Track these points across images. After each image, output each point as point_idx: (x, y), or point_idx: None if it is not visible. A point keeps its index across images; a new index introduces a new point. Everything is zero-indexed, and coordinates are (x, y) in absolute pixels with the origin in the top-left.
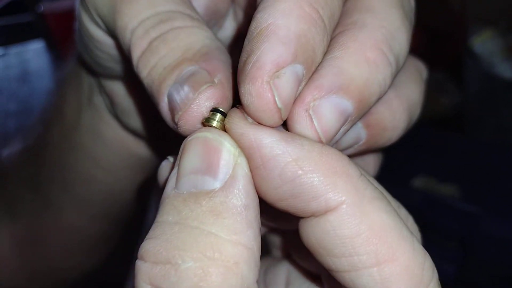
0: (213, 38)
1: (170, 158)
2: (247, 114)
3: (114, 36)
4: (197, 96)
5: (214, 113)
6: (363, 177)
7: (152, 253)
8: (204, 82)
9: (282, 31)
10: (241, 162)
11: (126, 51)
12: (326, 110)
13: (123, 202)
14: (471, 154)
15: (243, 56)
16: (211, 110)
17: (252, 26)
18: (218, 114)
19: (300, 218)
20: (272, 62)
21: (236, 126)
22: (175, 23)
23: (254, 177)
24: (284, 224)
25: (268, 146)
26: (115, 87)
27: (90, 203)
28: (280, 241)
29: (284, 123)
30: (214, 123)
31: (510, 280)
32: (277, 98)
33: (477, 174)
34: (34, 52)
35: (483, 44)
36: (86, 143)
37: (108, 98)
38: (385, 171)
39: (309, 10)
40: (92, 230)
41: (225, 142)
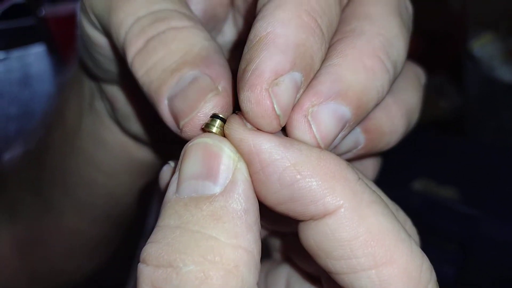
0: (210, 38)
1: (171, 163)
2: (246, 121)
3: (108, 34)
4: (203, 105)
5: (214, 119)
6: (361, 181)
7: (154, 256)
8: (209, 90)
9: (281, 40)
10: (240, 167)
11: (120, 49)
12: (324, 116)
13: (124, 206)
14: (471, 157)
15: (243, 63)
16: (211, 116)
17: (251, 35)
18: (217, 120)
19: (299, 221)
20: (271, 70)
21: (235, 132)
22: (172, 23)
23: (254, 181)
24: (284, 227)
25: (267, 152)
26: (116, 92)
27: (91, 207)
28: (280, 244)
29: (283, 129)
30: (214, 129)
31: (510, 282)
32: (275, 105)
33: (476, 177)
34: (36, 56)
35: (483, 47)
36: (87, 148)
37: (109, 103)
38: (384, 174)
39: (307, 19)
40: (93, 233)
41: (225, 148)
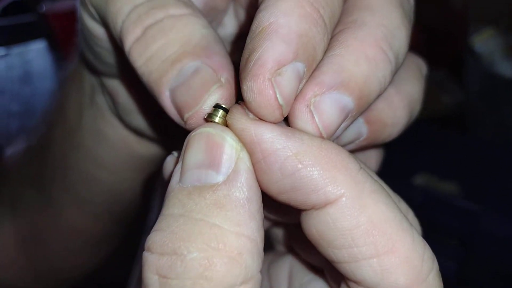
0: (208, 26)
1: (175, 153)
2: (249, 111)
3: (106, 25)
4: (208, 98)
5: (217, 109)
6: (363, 170)
7: (158, 244)
8: (212, 82)
9: (283, 30)
10: (243, 156)
11: (117, 38)
12: (327, 106)
13: (126, 202)
14: (472, 152)
15: (245, 54)
16: (214, 106)
17: (254, 25)
18: (220, 110)
19: (301, 211)
20: (273, 60)
21: (237, 121)
22: (170, 10)
23: (256, 171)
24: (286, 218)
25: (268, 141)
26: (117, 86)
27: (92, 203)
28: (282, 235)
29: (285, 119)
30: (217, 119)
31: (510, 277)
32: (278, 95)
33: (477, 172)
34: (36, 52)
35: (484, 43)
36: (88, 143)
37: (110, 97)
38: (386, 169)
39: (310, 10)
40: (94, 230)
41: (227, 137)
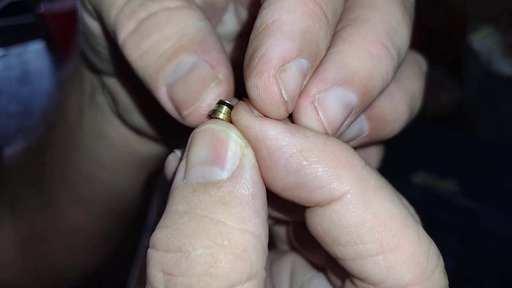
0: (203, 18)
1: (177, 151)
2: (254, 107)
3: (102, 20)
4: (206, 96)
5: (221, 105)
6: (368, 167)
7: (163, 241)
8: (210, 79)
9: (287, 27)
10: (247, 153)
11: (111, 31)
12: (331, 102)
13: (126, 201)
14: (471, 150)
15: (249, 50)
16: (218, 103)
17: (257, 22)
18: (224, 107)
19: (306, 208)
20: (278, 57)
21: (242, 118)
22: (165, 3)
23: (260, 167)
24: (290, 215)
25: (273, 138)
26: (118, 85)
27: (92, 203)
28: (285, 233)
29: (289, 116)
30: (221, 115)
31: (510, 275)
32: (283, 91)
33: (477, 170)
34: (35, 53)
35: (483, 41)
36: (89, 143)
37: (110, 96)
38: (385, 167)
39: (313, 7)
40: (94, 230)
41: (231, 134)
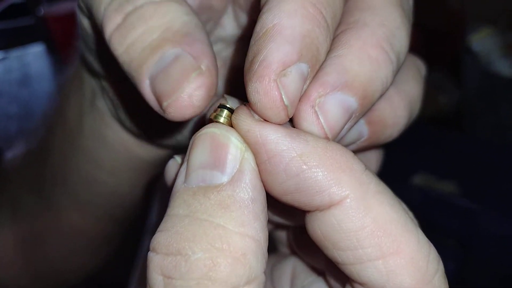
0: (190, 13)
1: (177, 157)
2: (254, 112)
3: (91, 17)
4: (187, 85)
5: (222, 109)
6: (368, 171)
7: (163, 245)
8: (192, 69)
9: (287, 31)
10: (247, 156)
11: (100, 27)
12: (331, 106)
13: (126, 204)
14: (470, 151)
15: (250, 55)
16: (219, 107)
17: (257, 26)
18: (225, 111)
19: (306, 212)
20: (278, 61)
21: (242, 122)
22: None
23: (261, 171)
24: (290, 219)
25: (273, 142)
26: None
27: (92, 205)
28: (286, 238)
29: (290, 120)
30: (221, 119)
31: (509, 277)
32: (284, 96)
33: (476, 171)
34: (35, 55)
35: (482, 42)
36: (89, 146)
37: (110, 100)
38: (384, 169)
39: (312, 11)
40: (95, 232)
41: (232, 138)
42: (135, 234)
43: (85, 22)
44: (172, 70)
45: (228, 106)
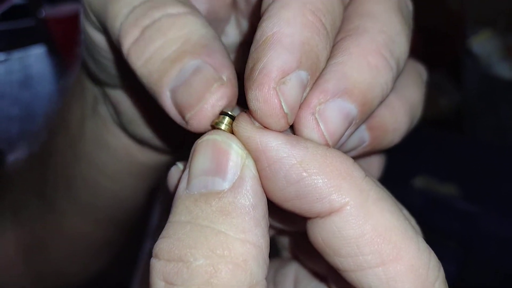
0: (207, 25)
1: (179, 164)
2: (255, 119)
3: (106, 31)
4: (210, 96)
5: (223, 116)
6: (368, 178)
7: (165, 251)
8: (213, 80)
9: (287, 39)
10: (248, 163)
11: (115, 42)
12: (331, 113)
13: (128, 208)
14: (471, 154)
15: (250, 63)
16: (220, 114)
17: (257, 34)
18: (226, 118)
19: (307, 218)
20: (278, 69)
21: (243, 130)
22: (168, 10)
23: (261, 178)
24: (292, 225)
25: (273, 149)
26: (120, 96)
27: (94, 209)
28: (288, 243)
29: (291, 127)
30: (223, 126)
31: (509, 278)
32: (283, 104)
33: (477, 173)
34: (36, 57)
35: (482, 44)
36: (91, 152)
37: (112, 107)
38: (385, 172)
39: (312, 19)
40: (96, 235)
41: (233, 144)
42: (137, 237)
43: (93, 34)
44: (193, 81)
45: (229, 113)
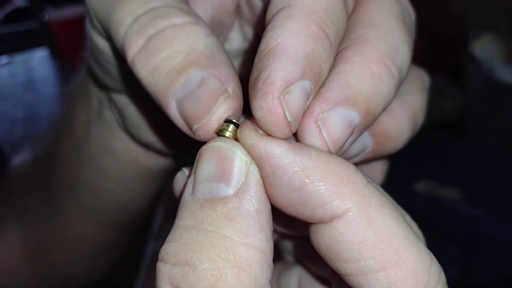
0: (211, 34)
1: (184, 170)
2: (259, 127)
3: (110, 38)
4: (216, 109)
5: (228, 124)
6: (370, 184)
7: (171, 255)
8: (220, 93)
9: (291, 50)
10: (253, 170)
11: (120, 49)
12: (334, 121)
13: (132, 212)
14: (473, 158)
15: (254, 72)
16: (225, 121)
17: (262, 45)
18: (231, 125)
19: (310, 224)
20: (282, 79)
21: (247, 137)
22: (172, 19)
23: (265, 184)
24: (295, 230)
25: (276, 156)
26: (125, 101)
27: (98, 213)
28: (291, 247)
29: (294, 135)
30: (227, 133)
31: (511, 281)
32: (287, 113)
33: (479, 177)
34: (39, 59)
35: (484, 48)
36: (96, 156)
37: (117, 111)
38: (388, 176)
39: (316, 30)
40: (100, 239)
41: (237, 151)
42: (140, 240)
43: (98, 40)
44: (200, 93)
45: (233, 120)
